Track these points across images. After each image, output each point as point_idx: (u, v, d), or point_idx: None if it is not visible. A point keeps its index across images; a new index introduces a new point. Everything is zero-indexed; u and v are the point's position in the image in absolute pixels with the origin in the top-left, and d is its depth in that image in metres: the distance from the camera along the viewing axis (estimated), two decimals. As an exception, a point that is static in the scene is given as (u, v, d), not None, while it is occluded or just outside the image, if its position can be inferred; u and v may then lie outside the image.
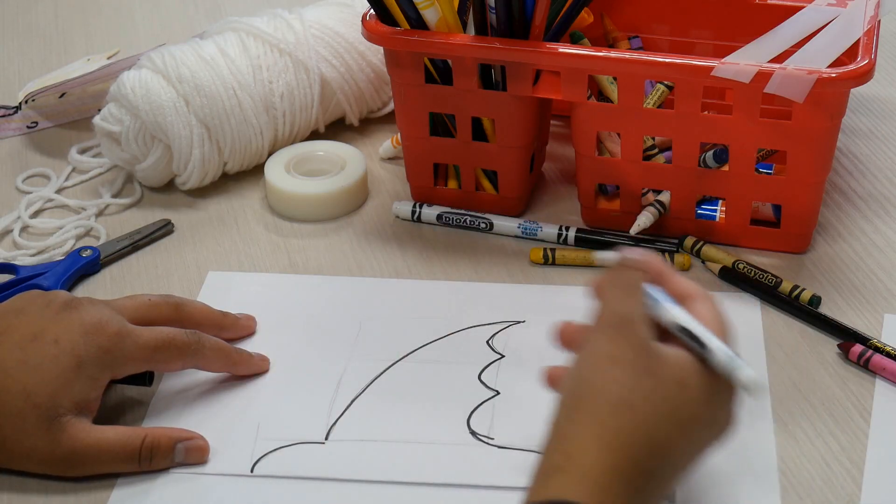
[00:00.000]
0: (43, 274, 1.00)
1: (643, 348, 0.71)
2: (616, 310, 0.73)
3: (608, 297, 0.74)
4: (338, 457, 0.84)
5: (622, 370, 0.70)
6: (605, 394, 0.70)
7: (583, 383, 0.71)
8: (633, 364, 0.70)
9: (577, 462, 0.68)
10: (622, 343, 0.71)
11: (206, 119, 1.06)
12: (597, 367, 0.71)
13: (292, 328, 0.95)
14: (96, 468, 0.82)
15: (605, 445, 0.68)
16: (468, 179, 1.05)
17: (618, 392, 0.70)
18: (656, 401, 0.70)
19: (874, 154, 1.13)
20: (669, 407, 0.70)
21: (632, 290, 0.74)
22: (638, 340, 0.71)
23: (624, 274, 0.75)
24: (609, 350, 0.71)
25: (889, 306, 0.95)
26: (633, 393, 0.70)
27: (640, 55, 0.96)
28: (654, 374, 0.70)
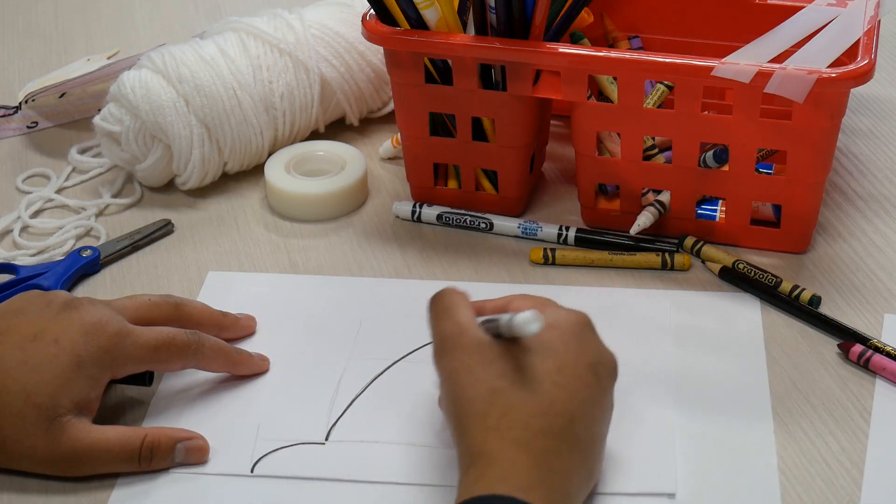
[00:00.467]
0: (43, 274, 1.00)
1: (480, 346, 0.77)
2: (443, 335, 0.80)
3: (436, 322, 0.81)
4: (338, 457, 0.84)
5: (475, 371, 0.76)
6: (472, 393, 0.76)
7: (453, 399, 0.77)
8: (480, 362, 0.76)
9: (482, 454, 0.73)
10: (460, 354, 0.77)
11: (206, 119, 1.06)
12: (454, 380, 0.77)
13: (292, 328, 0.95)
14: (96, 468, 0.82)
15: (496, 429, 0.74)
16: (468, 179, 1.05)
17: (481, 386, 0.76)
18: (512, 373, 0.75)
19: (874, 154, 1.13)
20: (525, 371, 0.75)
21: (447, 311, 0.80)
22: (472, 344, 0.77)
23: (443, 298, 0.82)
24: (457, 366, 0.77)
25: (889, 306, 0.95)
26: (492, 380, 0.76)
27: (640, 55, 0.96)
28: (501, 356, 0.76)
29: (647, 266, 1.00)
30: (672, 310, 0.95)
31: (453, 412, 0.77)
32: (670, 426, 0.85)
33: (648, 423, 0.85)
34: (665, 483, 0.81)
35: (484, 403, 0.75)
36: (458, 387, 0.77)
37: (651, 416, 0.86)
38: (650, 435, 0.84)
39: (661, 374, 0.89)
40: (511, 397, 0.75)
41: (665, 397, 0.87)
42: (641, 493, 0.80)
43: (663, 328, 0.94)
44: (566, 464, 0.74)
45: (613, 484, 0.80)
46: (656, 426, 0.85)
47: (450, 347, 0.78)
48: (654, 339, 0.92)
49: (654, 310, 0.96)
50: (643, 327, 0.94)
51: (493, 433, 0.74)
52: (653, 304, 0.96)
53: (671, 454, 0.83)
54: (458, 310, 0.80)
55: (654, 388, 0.88)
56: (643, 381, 0.88)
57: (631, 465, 0.82)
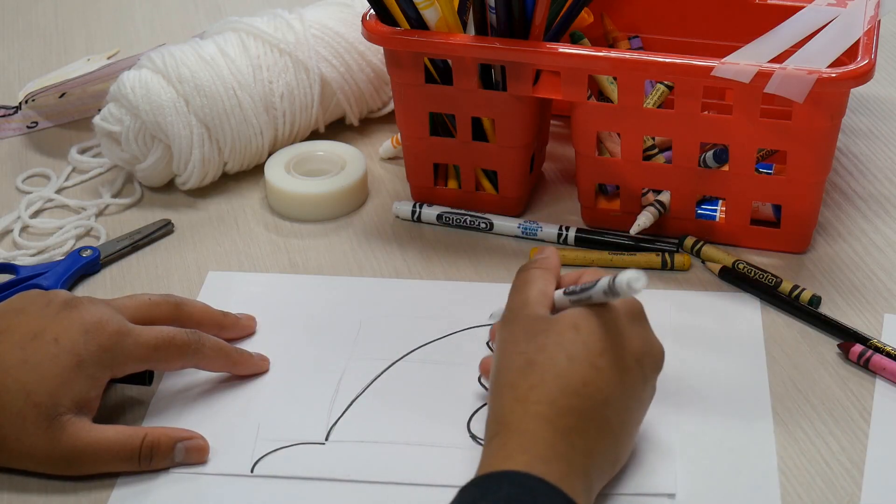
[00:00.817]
0: (43, 274, 1.00)
1: (532, 320, 0.78)
2: (512, 303, 0.81)
3: (510, 295, 0.82)
4: (338, 457, 0.84)
5: (518, 342, 0.78)
6: (511, 364, 0.77)
7: (496, 368, 0.78)
8: (526, 333, 0.78)
9: (505, 424, 0.74)
10: (516, 326, 0.79)
11: (206, 119, 1.06)
12: (501, 350, 0.79)
13: (292, 328, 0.95)
14: (96, 467, 0.82)
15: (522, 401, 0.75)
16: (468, 179, 1.05)
17: (519, 358, 0.77)
18: (552, 349, 0.76)
19: (874, 154, 1.13)
20: (567, 349, 0.76)
21: (528, 283, 0.81)
22: (527, 318, 0.79)
23: (525, 271, 0.83)
24: (508, 336, 0.79)
25: (889, 306, 0.95)
26: (531, 352, 0.76)
27: (640, 55, 0.96)
28: (546, 331, 0.77)
29: (647, 266, 1.00)
30: (672, 310, 0.95)
31: (491, 380, 0.78)
32: (670, 426, 0.85)
33: (648, 423, 0.85)
34: (665, 483, 0.81)
35: (517, 374, 0.76)
36: (500, 356, 0.78)
37: (651, 416, 0.85)
38: (650, 435, 0.84)
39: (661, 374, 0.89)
40: (545, 372, 0.75)
41: (665, 397, 0.87)
42: (641, 494, 0.80)
43: (663, 328, 0.93)
44: (590, 444, 0.74)
45: (613, 484, 0.80)
46: (656, 426, 0.85)
47: (509, 319, 0.80)
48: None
49: (653, 310, 0.95)
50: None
51: (519, 404, 0.74)
52: (653, 304, 0.96)
53: (671, 454, 0.83)
54: (531, 285, 0.81)
55: (654, 388, 0.88)
56: (643, 381, 0.88)
57: (631, 465, 0.82)
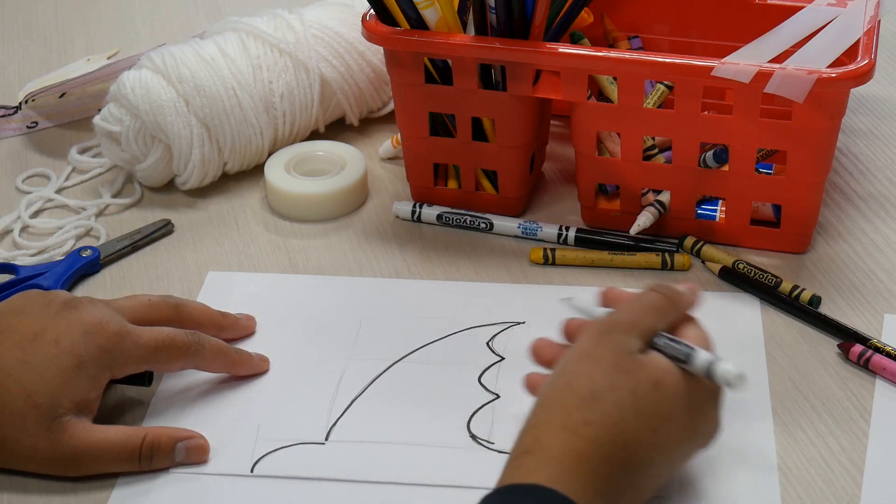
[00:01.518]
0: (43, 274, 1.00)
1: (623, 351, 0.74)
2: (614, 317, 0.77)
3: (620, 308, 0.78)
4: (338, 457, 0.84)
5: (596, 366, 0.74)
6: (576, 386, 0.73)
7: (559, 377, 0.75)
8: (609, 362, 0.74)
9: (544, 446, 0.71)
10: (604, 345, 0.75)
11: (206, 119, 1.06)
12: (575, 362, 0.75)
13: (292, 328, 0.95)
14: (96, 468, 0.82)
15: (571, 432, 0.71)
16: (468, 179, 1.05)
17: (588, 385, 0.73)
18: (624, 394, 0.73)
19: (874, 154, 1.13)
20: (638, 402, 0.73)
21: (641, 308, 0.77)
22: (620, 344, 0.75)
23: (646, 295, 0.78)
24: (589, 349, 0.75)
25: (889, 306, 0.95)
26: (601, 386, 0.73)
27: (640, 55, 0.96)
28: (628, 372, 0.74)
29: (647, 266, 1.00)
30: (672, 310, 0.95)
31: (551, 386, 0.74)
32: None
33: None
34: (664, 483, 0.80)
35: (577, 401, 0.72)
36: (572, 369, 0.74)
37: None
38: (650, 435, 0.84)
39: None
40: (605, 414, 0.72)
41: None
42: (641, 493, 0.80)
43: (663, 328, 0.94)
44: (618, 498, 0.72)
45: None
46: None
47: (602, 332, 0.76)
48: (654, 339, 0.92)
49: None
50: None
51: (566, 433, 0.71)
52: (653, 304, 0.96)
53: (671, 454, 0.83)
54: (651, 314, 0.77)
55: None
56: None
57: (631, 465, 0.82)
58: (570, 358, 0.76)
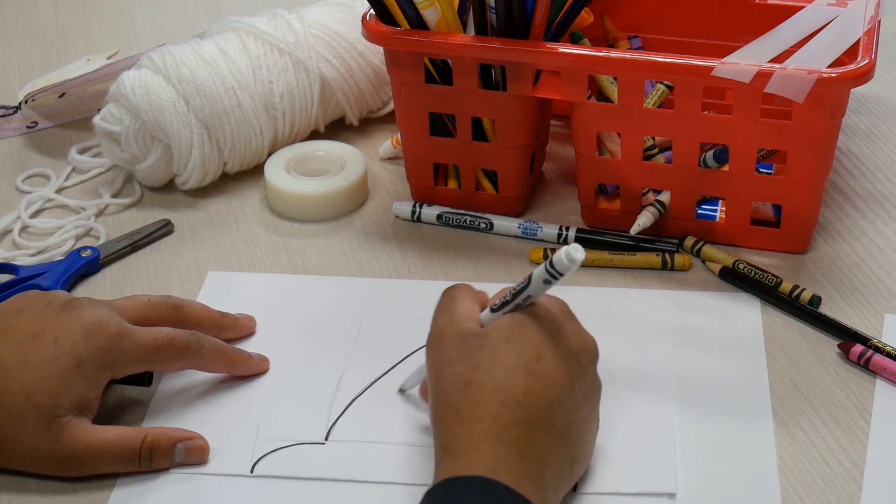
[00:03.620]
0: (43, 274, 1.00)
1: (462, 338, 0.78)
2: (434, 325, 0.80)
3: (434, 316, 0.81)
4: (338, 457, 0.84)
5: (454, 363, 0.77)
6: (448, 387, 0.76)
7: (435, 393, 0.78)
8: (459, 352, 0.77)
9: (451, 448, 0.74)
10: (445, 346, 0.78)
11: (206, 119, 1.06)
12: (435, 372, 0.78)
13: (292, 328, 0.95)
14: (96, 468, 0.82)
15: (466, 423, 0.74)
16: (468, 179, 1.05)
17: (457, 379, 0.76)
18: (488, 364, 0.76)
19: (874, 154, 1.13)
20: (502, 362, 0.76)
21: (447, 304, 0.81)
22: (456, 336, 0.78)
23: (444, 294, 0.83)
24: (437, 356, 0.78)
25: (889, 306, 0.95)
26: (467, 372, 0.76)
27: (640, 55, 0.96)
28: (480, 347, 0.77)
29: (647, 266, 1.00)
30: (672, 310, 0.95)
31: (432, 405, 0.78)
32: (670, 426, 0.85)
33: (648, 423, 0.85)
34: (665, 483, 0.81)
35: (458, 396, 0.75)
36: (437, 379, 0.78)
37: (651, 416, 0.86)
38: (650, 435, 0.84)
39: (661, 374, 0.89)
40: (484, 389, 0.75)
41: (665, 397, 0.87)
42: (641, 493, 0.80)
43: (663, 328, 0.94)
44: (541, 451, 0.74)
45: (613, 484, 0.80)
46: (656, 426, 0.85)
47: (438, 339, 0.79)
48: (654, 339, 0.92)
49: (654, 310, 0.96)
50: (643, 327, 0.94)
51: (464, 426, 0.74)
52: (653, 304, 0.96)
53: (671, 454, 0.83)
54: (457, 302, 0.81)
55: (654, 388, 0.88)
56: (643, 381, 0.88)
57: (631, 465, 0.82)
58: (430, 375, 0.79)
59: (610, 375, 0.85)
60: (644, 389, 0.88)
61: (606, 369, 0.82)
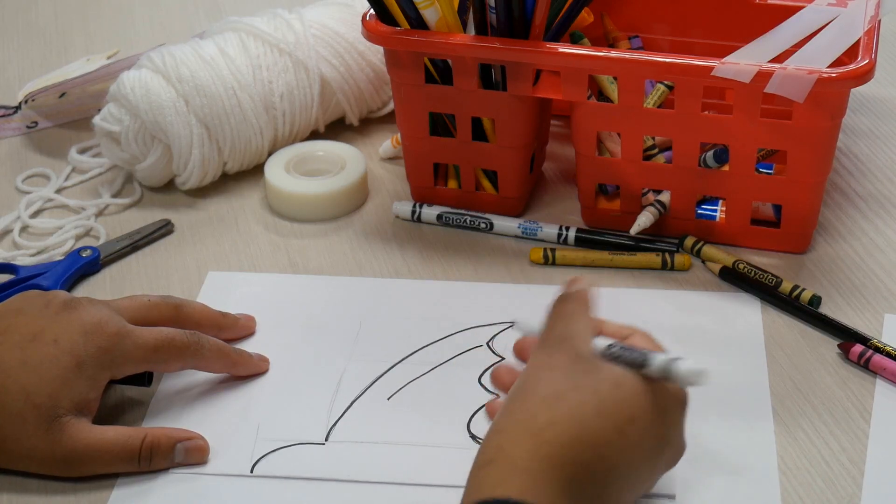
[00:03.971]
0: (43, 274, 1.00)
1: (579, 357, 0.74)
2: (556, 330, 0.76)
3: (552, 321, 0.77)
4: (338, 458, 0.84)
5: (555, 372, 0.73)
6: (538, 390, 0.73)
7: (520, 386, 0.74)
8: (567, 368, 0.73)
9: (507, 453, 0.70)
10: (558, 355, 0.74)
11: (206, 119, 1.06)
12: (533, 373, 0.74)
13: (292, 328, 0.95)
14: (96, 468, 0.82)
15: (535, 435, 0.70)
16: (468, 179, 1.05)
17: (550, 387, 0.72)
18: (587, 393, 0.71)
19: (874, 154, 1.13)
20: (601, 402, 0.71)
21: (573, 315, 0.77)
22: (574, 352, 0.74)
23: (568, 301, 0.78)
24: (546, 361, 0.75)
25: (889, 306, 0.95)
26: (564, 388, 0.72)
27: (640, 55, 0.96)
28: (588, 373, 0.73)
29: (647, 266, 1.00)
30: (672, 310, 0.95)
31: (511, 399, 0.73)
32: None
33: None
34: (665, 484, 0.80)
35: (540, 403, 0.71)
36: (531, 377, 0.74)
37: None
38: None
39: (661, 375, 0.89)
40: (569, 413, 0.71)
41: (665, 397, 0.87)
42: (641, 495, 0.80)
43: (663, 328, 0.93)
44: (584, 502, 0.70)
45: (613, 484, 0.80)
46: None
47: (551, 345, 0.75)
48: (654, 339, 0.92)
49: (654, 310, 0.95)
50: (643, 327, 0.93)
51: (531, 438, 0.70)
52: (653, 304, 0.96)
53: (671, 454, 0.83)
54: (576, 319, 0.76)
55: (654, 389, 0.88)
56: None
57: (631, 465, 0.82)
58: (528, 372, 0.75)
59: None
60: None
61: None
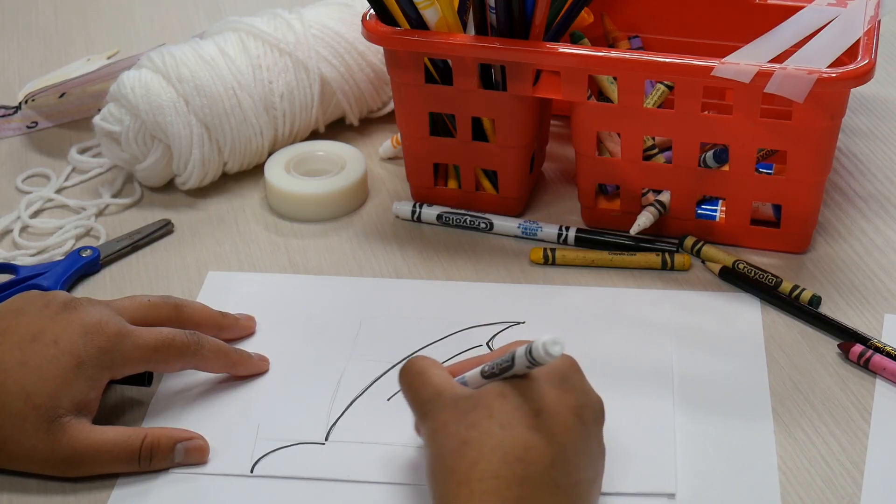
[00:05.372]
0: (43, 274, 1.00)
1: (454, 402, 0.74)
2: (421, 395, 0.77)
3: (412, 393, 0.78)
4: (338, 457, 0.84)
5: (448, 426, 0.73)
6: (445, 450, 0.72)
7: (430, 459, 0.74)
8: (454, 416, 0.73)
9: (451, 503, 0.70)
10: (436, 415, 0.74)
11: (206, 119, 1.06)
12: (432, 441, 0.74)
13: (292, 328, 0.95)
14: (96, 469, 0.82)
15: (465, 484, 0.70)
16: (468, 179, 1.05)
17: (452, 441, 0.72)
18: (484, 421, 0.72)
19: (874, 154, 1.13)
20: (499, 418, 0.72)
21: (424, 374, 0.77)
22: (448, 402, 0.74)
23: (411, 369, 0.78)
24: (434, 425, 0.74)
25: (889, 306, 0.95)
26: (462, 432, 0.72)
27: (640, 55, 0.96)
28: (475, 407, 0.73)
29: (647, 266, 1.00)
30: (672, 310, 0.95)
31: (428, 473, 0.74)
32: (670, 426, 0.85)
33: (648, 422, 0.85)
34: (665, 483, 0.81)
35: (454, 457, 0.71)
36: (433, 446, 0.74)
37: (651, 415, 0.86)
38: (650, 435, 0.84)
39: (661, 375, 0.89)
40: (482, 447, 0.71)
41: (665, 397, 0.87)
42: (641, 493, 0.80)
43: (663, 328, 0.94)
44: None
45: (613, 484, 0.80)
46: (656, 426, 0.85)
47: (428, 411, 0.76)
48: (654, 339, 0.92)
49: (654, 310, 0.96)
50: (643, 327, 0.94)
51: (462, 487, 0.70)
52: (653, 304, 0.96)
53: (671, 454, 0.83)
54: (430, 373, 0.77)
55: (655, 389, 0.88)
56: (643, 381, 0.88)
57: (631, 465, 0.82)
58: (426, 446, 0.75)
59: (610, 376, 0.85)
60: (644, 389, 0.88)
61: (607, 369, 0.82)
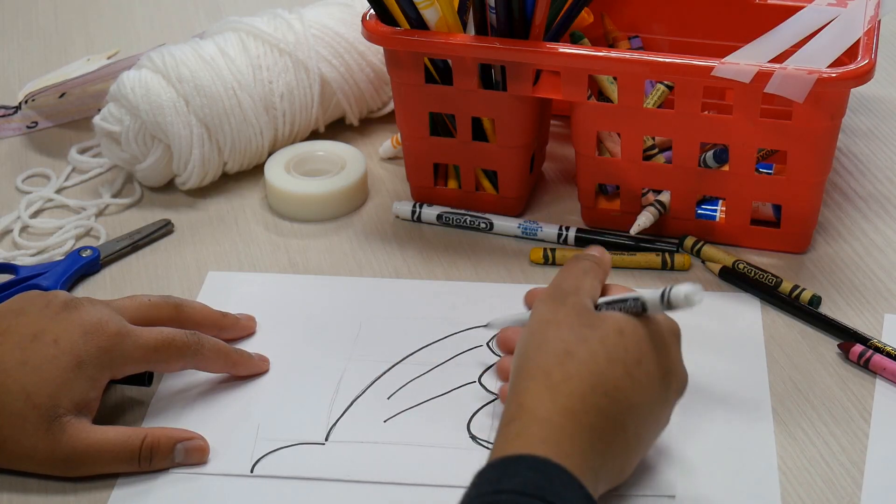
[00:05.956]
0: (43, 274, 1.00)
1: (581, 311, 0.78)
2: (560, 285, 0.81)
3: (563, 275, 0.82)
4: (338, 458, 0.84)
5: (562, 328, 0.77)
6: (548, 348, 0.76)
7: (530, 344, 0.77)
8: (572, 322, 0.77)
9: (528, 410, 0.73)
10: (561, 309, 0.78)
11: (206, 119, 1.06)
12: (540, 330, 0.78)
13: (292, 328, 0.95)
14: (96, 469, 0.82)
15: (553, 390, 0.74)
16: (468, 179, 1.05)
17: (559, 344, 0.76)
18: (595, 345, 0.76)
19: (874, 154, 1.13)
20: (609, 350, 0.76)
21: (578, 273, 0.81)
22: (577, 306, 0.78)
23: (583, 259, 0.83)
24: (551, 315, 0.78)
25: (889, 306, 0.95)
26: (573, 343, 0.76)
27: (640, 55, 0.96)
28: (592, 326, 0.77)
29: (647, 266, 1.00)
30: (672, 310, 0.95)
31: (522, 357, 0.77)
32: (670, 426, 0.85)
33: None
34: (665, 483, 0.81)
35: (554, 360, 0.75)
36: (539, 335, 0.77)
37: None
38: (650, 435, 0.84)
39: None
40: (581, 366, 0.75)
41: (665, 397, 0.87)
42: (641, 494, 0.80)
43: (663, 328, 0.94)
44: (606, 447, 0.74)
45: (613, 484, 0.80)
46: (656, 426, 0.85)
47: (556, 300, 0.79)
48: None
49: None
50: None
51: (549, 393, 0.73)
52: (653, 304, 0.96)
53: (671, 454, 0.83)
54: (586, 276, 0.81)
55: (654, 388, 0.88)
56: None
57: (631, 465, 0.82)
58: (533, 328, 0.78)
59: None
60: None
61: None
